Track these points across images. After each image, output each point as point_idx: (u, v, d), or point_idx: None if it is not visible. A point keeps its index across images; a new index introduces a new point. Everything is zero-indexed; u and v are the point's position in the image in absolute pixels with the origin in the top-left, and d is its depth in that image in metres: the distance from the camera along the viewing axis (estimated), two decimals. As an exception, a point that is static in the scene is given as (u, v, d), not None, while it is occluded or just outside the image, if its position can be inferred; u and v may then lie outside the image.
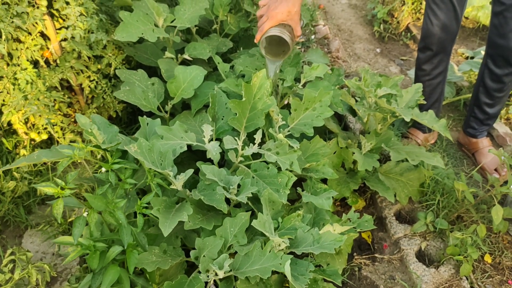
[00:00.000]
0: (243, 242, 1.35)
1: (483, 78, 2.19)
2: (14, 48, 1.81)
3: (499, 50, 2.04)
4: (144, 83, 1.91)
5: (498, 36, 1.99)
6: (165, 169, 1.36)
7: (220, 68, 1.99)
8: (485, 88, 2.21)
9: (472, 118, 2.36)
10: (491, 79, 2.16)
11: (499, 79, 2.13)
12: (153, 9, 1.93)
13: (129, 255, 1.30)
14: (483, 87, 2.21)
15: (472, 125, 2.38)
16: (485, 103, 2.26)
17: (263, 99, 1.53)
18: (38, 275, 1.66)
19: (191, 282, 1.31)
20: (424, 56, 2.22)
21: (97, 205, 1.24)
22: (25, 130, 1.95)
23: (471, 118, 2.38)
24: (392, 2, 3.45)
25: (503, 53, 2.03)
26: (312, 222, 1.59)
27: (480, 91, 2.24)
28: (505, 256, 1.99)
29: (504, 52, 2.02)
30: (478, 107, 2.31)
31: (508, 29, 1.94)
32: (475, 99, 2.30)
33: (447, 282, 1.85)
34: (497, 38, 2.00)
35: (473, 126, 2.38)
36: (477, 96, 2.27)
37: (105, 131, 1.56)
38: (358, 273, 1.94)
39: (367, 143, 1.96)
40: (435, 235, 2.02)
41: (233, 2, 2.42)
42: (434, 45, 2.14)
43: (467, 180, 2.29)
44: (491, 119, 2.34)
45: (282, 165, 1.49)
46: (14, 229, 2.00)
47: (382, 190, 2.00)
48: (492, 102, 2.25)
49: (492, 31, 2.02)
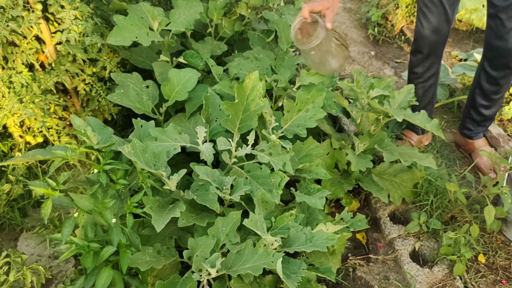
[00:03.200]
0: (235, 241, 1.36)
1: (479, 80, 2.20)
2: (9, 52, 1.83)
3: (496, 52, 2.05)
4: (139, 86, 1.92)
5: (495, 38, 2.00)
6: (159, 169, 1.38)
7: (214, 71, 2.00)
8: (482, 90, 2.21)
9: (468, 119, 2.38)
10: (487, 81, 2.17)
11: (495, 82, 2.14)
12: (148, 13, 1.95)
13: (122, 255, 1.31)
14: (480, 89, 2.22)
15: (468, 126, 2.39)
16: (481, 105, 2.27)
17: (256, 101, 1.55)
18: (33, 277, 1.67)
19: (184, 282, 1.32)
20: (416, 59, 2.24)
21: (84, 205, 1.25)
22: (20, 133, 1.96)
23: (467, 120, 2.39)
24: (386, 5, 3.48)
25: (499, 54, 2.03)
26: (305, 221, 1.61)
27: (476, 93, 2.25)
28: (498, 256, 2.00)
29: (501, 53, 2.02)
30: (474, 109, 2.32)
31: (505, 30, 1.95)
32: (471, 101, 2.31)
33: (441, 282, 1.86)
34: (494, 40, 2.01)
35: (469, 127, 2.39)
36: (473, 98, 2.28)
37: (100, 132, 1.57)
38: (353, 274, 1.95)
39: (360, 144, 1.97)
40: (429, 235, 2.03)
41: (227, 6, 2.44)
42: (425, 48, 2.16)
43: (461, 180, 2.31)
44: (487, 121, 2.36)
45: (275, 165, 1.50)
46: (9, 232, 2.01)
47: (375, 191, 2.01)
48: (488, 104, 2.26)
49: (489, 34, 2.03)
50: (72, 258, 1.88)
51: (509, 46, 1.97)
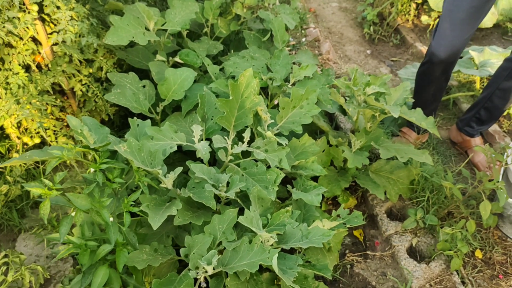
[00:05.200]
0: (231, 238, 1.37)
1: (501, 82, 2.16)
2: (5, 53, 1.83)
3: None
4: (135, 86, 1.93)
5: None
6: (155, 168, 1.38)
7: (210, 70, 2.01)
8: (503, 92, 2.19)
9: (475, 118, 2.37)
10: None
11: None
12: (144, 13, 1.96)
13: (119, 254, 1.31)
14: (501, 91, 2.20)
15: (472, 124, 2.39)
16: (497, 106, 2.26)
17: (251, 98, 1.56)
18: (31, 277, 1.67)
19: (181, 279, 1.33)
20: (426, 69, 2.21)
21: (81, 204, 1.26)
22: (17, 134, 1.97)
23: (473, 119, 2.37)
24: (382, 4, 3.49)
25: None
26: (301, 218, 1.61)
27: (495, 94, 2.22)
28: (495, 251, 2.01)
29: None
30: (486, 109, 2.30)
31: None
32: (486, 101, 2.28)
33: (438, 277, 1.87)
34: None
35: (472, 125, 2.39)
36: (490, 99, 2.25)
37: (96, 132, 1.58)
38: (350, 270, 1.96)
39: (357, 141, 1.98)
40: (426, 231, 2.04)
41: (223, 6, 2.45)
42: (438, 66, 2.13)
43: (457, 176, 2.32)
44: (492, 121, 2.36)
45: (271, 162, 1.51)
46: (7, 232, 2.01)
47: (372, 188, 2.02)
48: (503, 106, 2.25)
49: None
50: (70, 258, 1.88)
51: None
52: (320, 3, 3.99)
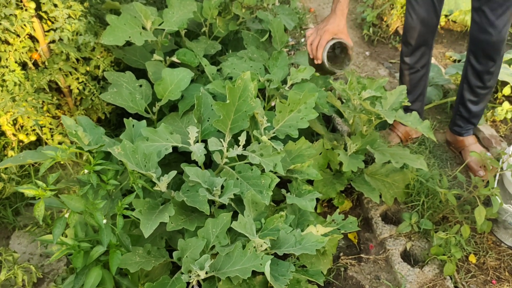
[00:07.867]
0: (224, 242, 1.37)
1: (466, 75, 2.25)
2: (2, 50, 1.82)
3: (480, 46, 2.09)
4: (132, 85, 1.92)
5: (479, 32, 2.05)
6: (149, 170, 1.38)
7: (208, 70, 2.01)
8: (469, 85, 2.26)
9: (458, 116, 2.42)
10: (473, 75, 2.22)
11: (481, 75, 2.19)
12: (141, 12, 1.95)
13: (112, 256, 1.31)
14: (467, 84, 2.27)
15: (458, 123, 2.44)
16: (469, 100, 2.31)
17: (248, 101, 1.55)
18: (24, 276, 1.67)
19: (173, 283, 1.33)
20: (406, 50, 2.31)
21: (75, 206, 1.26)
22: (13, 131, 1.96)
23: (456, 117, 2.43)
24: (381, 5, 3.48)
25: (484, 48, 2.08)
26: (296, 223, 1.61)
27: (464, 88, 2.30)
28: (489, 256, 2.02)
29: (485, 47, 2.07)
30: (463, 105, 2.36)
31: (488, 23, 1.99)
32: (460, 97, 2.36)
33: (431, 281, 1.88)
34: (478, 34, 2.06)
35: (459, 124, 2.43)
36: (461, 94, 2.33)
37: (91, 132, 1.57)
38: (344, 273, 1.96)
39: (352, 145, 1.98)
40: (420, 236, 2.05)
41: (222, 5, 2.44)
42: (415, 39, 2.22)
43: (452, 180, 2.32)
44: (475, 118, 2.40)
45: (266, 166, 1.51)
46: (1, 230, 2.01)
47: (367, 191, 2.02)
48: (476, 100, 2.30)
49: (473, 27, 2.08)
50: (64, 257, 1.88)
51: (493, 39, 2.02)
52: (320, 3, 3.98)
